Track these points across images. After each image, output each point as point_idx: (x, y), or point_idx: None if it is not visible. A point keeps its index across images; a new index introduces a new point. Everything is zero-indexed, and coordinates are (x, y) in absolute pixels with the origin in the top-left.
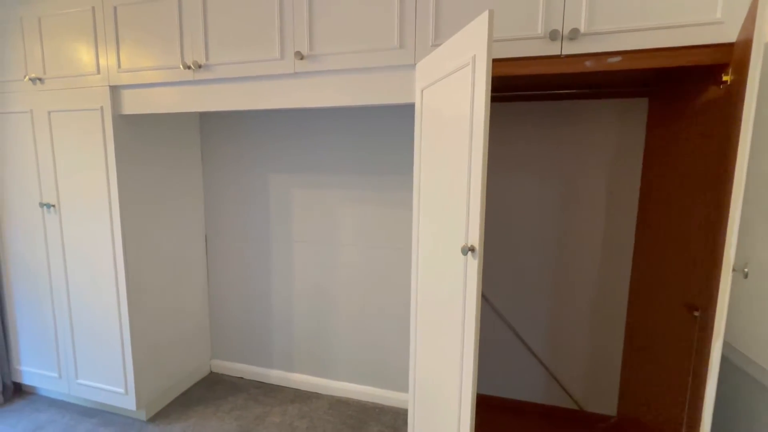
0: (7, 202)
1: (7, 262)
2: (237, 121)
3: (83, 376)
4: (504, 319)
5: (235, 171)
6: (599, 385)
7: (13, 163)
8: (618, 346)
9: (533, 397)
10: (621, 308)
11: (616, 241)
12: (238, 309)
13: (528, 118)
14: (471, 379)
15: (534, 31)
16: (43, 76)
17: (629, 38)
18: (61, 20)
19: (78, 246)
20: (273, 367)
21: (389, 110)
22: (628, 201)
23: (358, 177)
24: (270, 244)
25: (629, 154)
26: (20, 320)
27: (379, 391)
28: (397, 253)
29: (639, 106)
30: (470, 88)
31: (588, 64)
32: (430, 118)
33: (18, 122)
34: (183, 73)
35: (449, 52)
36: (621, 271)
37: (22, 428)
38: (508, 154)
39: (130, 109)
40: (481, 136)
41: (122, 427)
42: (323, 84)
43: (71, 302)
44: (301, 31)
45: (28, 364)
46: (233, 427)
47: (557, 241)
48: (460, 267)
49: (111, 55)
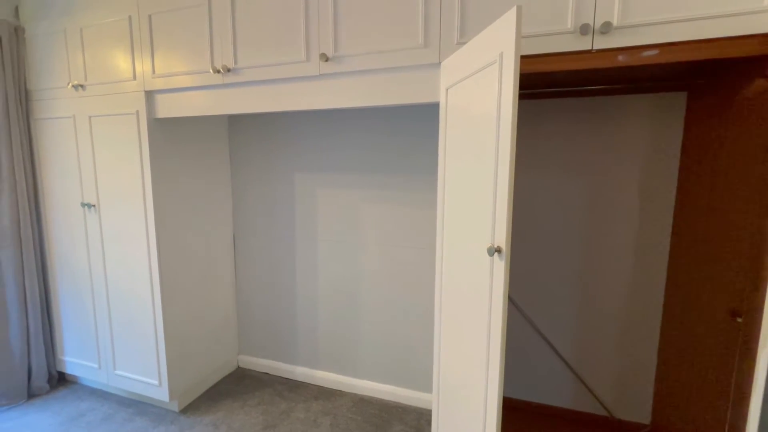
0: (52, 203)
1: (53, 259)
2: (263, 122)
3: (120, 367)
4: (530, 321)
5: (261, 171)
6: (631, 392)
7: (57, 165)
8: (652, 351)
9: (560, 402)
10: (655, 313)
11: (650, 244)
12: (265, 306)
13: (554, 114)
14: (497, 383)
15: (563, 25)
16: (85, 83)
17: (667, 30)
18: (100, 30)
19: (116, 244)
20: (297, 363)
21: (413, 109)
22: (663, 202)
23: (382, 176)
24: (295, 243)
25: (664, 152)
26: (64, 314)
27: (401, 391)
28: (420, 252)
29: (675, 102)
30: (497, 86)
31: (621, 59)
32: (455, 116)
33: (62, 127)
34: (212, 77)
35: (475, 49)
36: (655, 274)
37: (66, 415)
38: (534, 152)
39: (163, 113)
40: (509, 135)
41: (156, 417)
42: (348, 85)
43: (110, 297)
44: (326, 33)
45: (71, 355)
46: (259, 421)
47: (586, 243)
48: (486, 268)
49: (146, 62)
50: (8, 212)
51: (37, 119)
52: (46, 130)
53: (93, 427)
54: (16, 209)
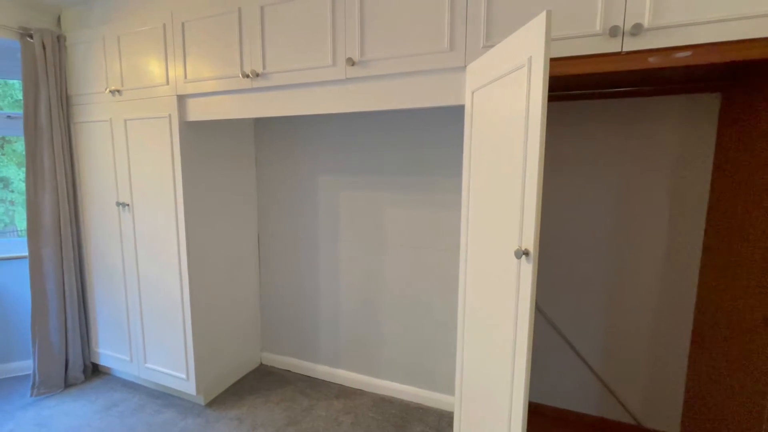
0: (89, 203)
1: (89, 256)
2: (288, 125)
3: (151, 360)
4: (553, 325)
5: (285, 172)
6: (660, 400)
7: (95, 167)
8: (682, 358)
9: (586, 408)
10: (686, 319)
11: (681, 248)
12: (288, 305)
13: (582, 116)
14: (523, 388)
15: (591, 28)
16: (121, 88)
17: (701, 31)
18: (137, 37)
19: (148, 242)
20: (319, 362)
21: (436, 111)
22: (694, 205)
23: (404, 178)
24: (318, 243)
25: (696, 154)
26: (99, 308)
27: (422, 392)
28: (443, 255)
29: (707, 103)
30: (526, 89)
31: (652, 61)
32: (481, 119)
33: (99, 130)
34: (242, 81)
35: (503, 53)
36: (686, 280)
37: (101, 404)
38: (559, 155)
39: (194, 116)
40: (537, 137)
41: (184, 409)
42: (373, 89)
43: (141, 293)
44: (353, 38)
45: (105, 347)
46: (282, 417)
47: (614, 246)
48: (512, 271)
49: (178, 67)
50: (50, 211)
51: (77, 123)
52: (84, 133)
53: (125, 416)
54: (56, 208)
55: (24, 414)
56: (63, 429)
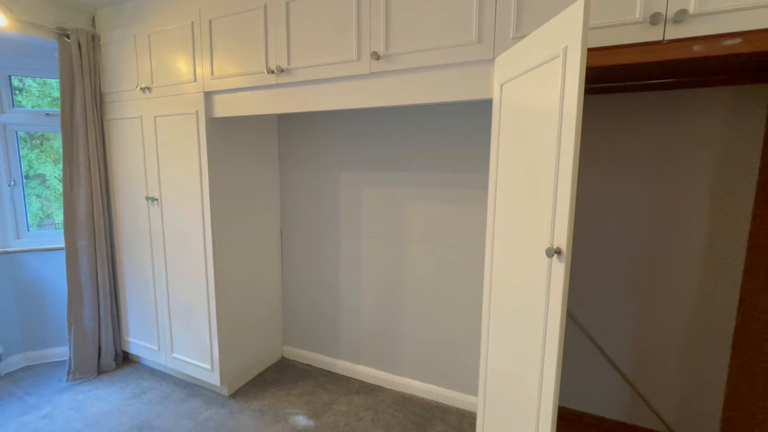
0: (120, 197)
1: (121, 248)
2: (312, 120)
3: (178, 350)
4: (582, 328)
5: (308, 168)
6: (697, 409)
7: (126, 162)
8: (721, 367)
9: (617, 415)
10: (727, 326)
11: (722, 250)
12: (309, 300)
13: (617, 109)
14: (552, 393)
15: (630, 15)
16: (151, 85)
17: (752, 16)
18: (166, 36)
19: (175, 235)
20: (339, 357)
21: (461, 106)
22: (738, 203)
23: (427, 174)
24: (340, 239)
25: (742, 151)
26: (129, 298)
27: (443, 391)
28: (466, 252)
29: (755, 96)
30: (560, 81)
31: (697, 49)
32: (510, 113)
33: (130, 127)
34: (267, 77)
35: (535, 43)
36: (727, 284)
37: (130, 391)
38: (592, 150)
39: (220, 113)
40: (572, 132)
41: (208, 399)
42: (398, 83)
43: (169, 285)
44: (377, 31)
45: (135, 336)
46: (304, 410)
47: (650, 247)
48: (542, 270)
49: (206, 64)
50: (84, 205)
51: (109, 120)
52: (116, 129)
53: (154, 404)
54: (90, 202)
55: (60, 398)
56: (95, 413)
